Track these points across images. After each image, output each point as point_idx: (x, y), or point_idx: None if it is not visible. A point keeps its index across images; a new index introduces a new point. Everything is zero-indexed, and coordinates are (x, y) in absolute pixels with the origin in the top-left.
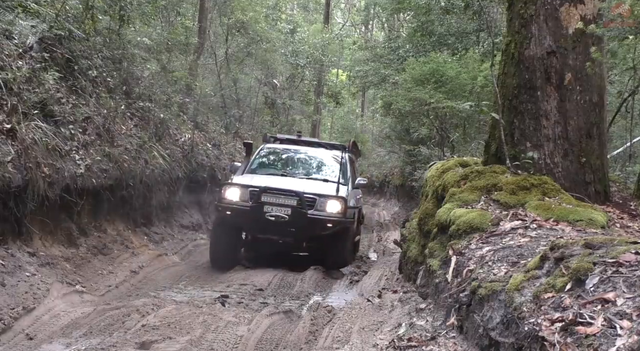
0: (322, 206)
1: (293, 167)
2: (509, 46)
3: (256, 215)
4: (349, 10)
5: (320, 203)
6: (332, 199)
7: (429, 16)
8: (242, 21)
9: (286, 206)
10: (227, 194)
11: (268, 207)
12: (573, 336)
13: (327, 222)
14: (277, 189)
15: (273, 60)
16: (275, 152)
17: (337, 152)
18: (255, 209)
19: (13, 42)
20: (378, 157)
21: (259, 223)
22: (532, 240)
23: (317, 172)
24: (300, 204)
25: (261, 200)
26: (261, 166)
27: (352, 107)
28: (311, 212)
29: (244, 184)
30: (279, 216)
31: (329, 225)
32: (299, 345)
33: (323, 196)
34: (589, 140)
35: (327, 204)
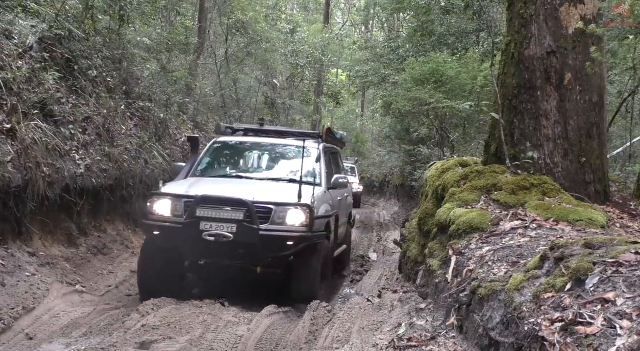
0: (280, 218)
1: (252, 166)
2: (509, 46)
3: (191, 235)
4: (348, 10)
5: (278, 214)
6: (293, 208)
7: (429, 16)
8: (242, 21)
9: (230, 221)
10: (155, 208)
11: (206, 224)
12: (573, 336)
13: (287, 239)
14: (218, 199)
15: (273, 60)
16: (231, 147)
17: (313, 143)
18: (189, 227)
19: (13, 42)
20: (378, 157)
21: (195, 246)
22: (532, 240)
23: (283, 170)
24: (248, 217)
25: (197, 214)
26: (211, 166)
27: (352, 107)
28: (265, 227)
29: (177, 194)
30: (221, 235)
31: (289, 243)
32: (299, 345)
33: (281, 205)
34: (589, 140)
35: (286, 215)
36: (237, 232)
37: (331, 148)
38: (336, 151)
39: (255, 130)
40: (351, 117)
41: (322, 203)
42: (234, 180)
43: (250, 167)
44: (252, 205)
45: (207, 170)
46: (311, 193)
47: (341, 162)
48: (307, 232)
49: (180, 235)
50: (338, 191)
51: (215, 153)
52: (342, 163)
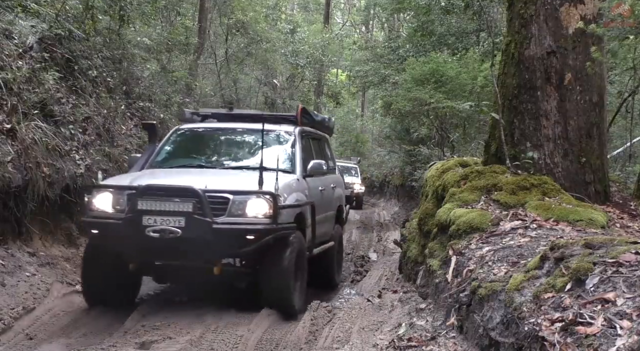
0: (239, 209)
1: (217, 155)
2: (509, 46)
3: (132, 232)
4: (348, 10)
5: (235, 204)
6: (254, 197)
7: (429, 16)
8: (242, 21)
9: (177, 214)
10: (94, 202)
11: (149, 218)
12: (573, 336)
13: (247, 232)
14: (163, 188)
15: (273, 60)
16: (194, 135)
17: (288, 127)
18: (130, 223)
19: (13, 42)
20: (378, 157)
21: (137, 244)
22: (532, 240)
23: (253, 158)
24: (199, 209)
25: (138, 207)
26: (170, 156)
27: (352, 107)
28: (221, 219)
29: (119, 185)
30: (166, 230)
31: (249, 237)
32: (299, 345)
33: (239, 193)
34: (589, 140)
35: (246, 205)
36: (186, 226)
37: (311, 133)
38: (320, 137)
39: (224, 115)
40: (351, 117)
41: (291, 192)
42: (195, 170)
43: (216, 156)
44: (203, 195)
45: (165, 161)
46: (276, 180)
47: (329, 151)
48: (271, 224)
49: (120, 233)
50: (319, 180)
51: (176, 141)
52: (329, 152)
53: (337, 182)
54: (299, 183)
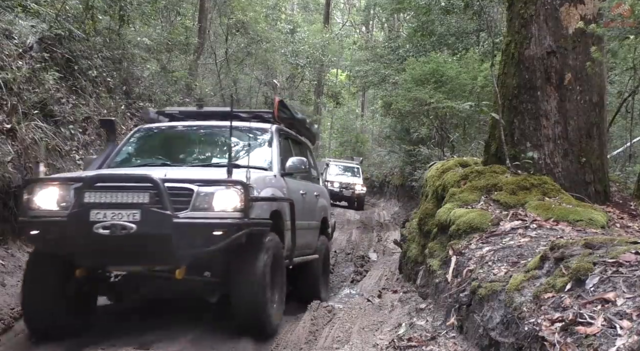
0: (205, 201)
1: (185, 154)
2: (509, 46)
3: (78, 230)
4: (348, 10)
5: (201, 196)
6: (223, 187)
7: (429, 16)
8: (242, 21)
9: (131, 206)
10: (36, 200)
11: (98, 212)
12: (573, 336)
13: (214, 227)
14: (114, 177)
15: (273, 60)
16: (159, 134)
17: (264, 125)
18: (75, 219)
19: (13, 42)
20: (378, 157)
21: (85, 245)
22: (532, 240)
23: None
24: (158, 200)
25: (85, 200)
26: (132, 156)
27: (352, 107)
28: (184, 214)
29: (64, 177)
30: (118, 226)
31: (216, 233)
32: (299, 345)
33: (204, 183)
34: (589, 140)
35: (212, 197)
36: (142, 221)
37: (291, 135)
38: (301, 142)
39: (194, 113)
40: (351, 117)
41: (266, 186)
42: (158, 168)
43: (183, 155)
44: (161, 184)
45: (125, 161)
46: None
47: (312, 159)
48: (242, 219)
49: (64, 232)
50: (300, 184)
51: (138, 141)
52: (312, 161)
53: (321, 192)
54: (276, 180)
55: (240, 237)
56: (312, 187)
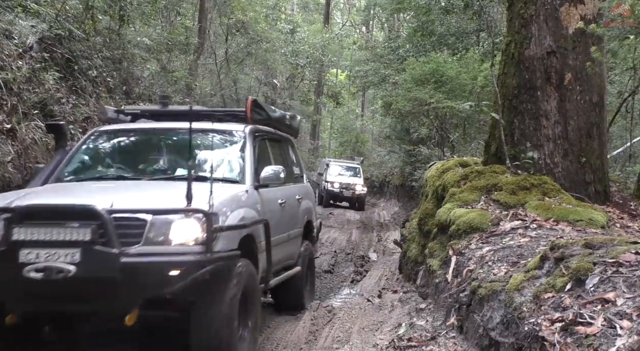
0: (160, 234)
1: (146, 163)
2: (509, 46)
3: (5, 273)
4: (348, 10)
5: (155, 228)
6: (180, 217)
7: (429, 16)
8: (242, 21)
9: (70, 244)
10: None
11: (29, 252)
12: (573, 336)
13: (170, 267)
14: (49, 209)
15: (273, 60)
16: (117, 139)
17: (236, 126)
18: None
19: (13, 42)
20: (378, 157)
21: (13, 289)
22: (532, 240)
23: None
24: (102, 236)
25: (14, 238)
26: (85, 166)
27: (352, 107)
28: (135, 249)
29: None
30: (53, 268)
31: (173, 273)
32: (299, 345)
33: (160, 213)
34: (589, 140)
35: (169, 229)
36: (83, 262)
37: (268, 134)
38: (280, 138)
39: (159, 112)
40: (351, 117)
41: (236, 207)
42: (113, 183)
43: (143, 164)
44: (106, 217)
45: (77, 172)
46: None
47: (294, 155)
48: (205, 253)
49: None
50: (279, 192)
51: (93, 147)
52: (295, 157)
53: (305, 192)
54: (249, 197)
55: (202, 275)
56: (293, 190)
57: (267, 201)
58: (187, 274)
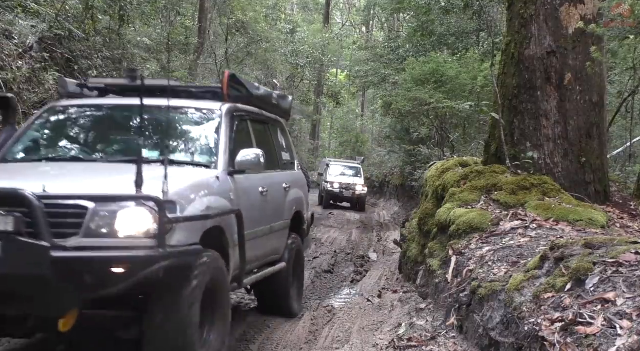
0: (103, 224)
1: (105, 145)
2: (509, 46)
3: None
4: (348, 11)
5: (98, 217)
6: (128, 206)
7: (429, 16)
8: (242, 21)
9: None
10: None
11: None
12: (573, 336)
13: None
14: None
15: (273, 60)
16: (76, 116)
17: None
18: None
19: (13, 42)
20: (378, 157)
21: None
22: (532, 240)
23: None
24: (29, 226)
25: None
26: (36, 145)
27: (352, 107)
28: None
29: None
30: None
31: (117, 271)
32: (299, 345)
33: (102, 200)
34: (589, 140)
35: (114, 219)
36: (5, 257)
37: (251, 114)
38: (267, 120)
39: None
40: (351, 117)
41: (201, 195)
42: (64, 165)
43: (101, 146)
44: (36, 203)
45: (26, 152)
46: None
47: (284, 140)
48: (156, 248)
49: None
50: (260, 179)
51: (47, 124)
52: (285, 142)
53: (295, 180)
54: (220, 183)
55: (153, 274)
56: (279, 178)
57: (243, 189)
58: (134, 272)
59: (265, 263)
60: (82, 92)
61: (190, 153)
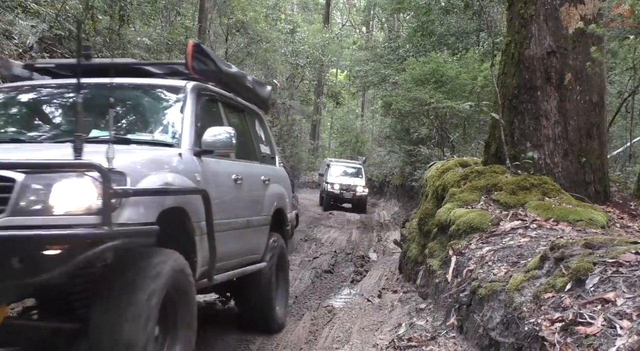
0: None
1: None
2: (509, 46)
3: None
4: (348, 11)
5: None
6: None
7: (429, 16)
8: (242, 21)
9: None
10: None
11: None
12: (573, 336)
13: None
14: None
15: (273, 60)
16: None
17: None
18: None
19: (13, 42)
20: (378, 157)
21: None
22: (532, 240)
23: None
24: None
25: None
26: None
27: (352, 107)
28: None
29: None
30: None
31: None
32: (299, 345)
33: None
34: (589, 140)
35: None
36: None
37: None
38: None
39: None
40: (351, 117)
41: (158, 170)
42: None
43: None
44: None
45: None
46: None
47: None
48: (100, 226)
49: None
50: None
51: None
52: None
53: (276, 176)
54: (184, 162)
55: (97, 257)
56: (256, 169)
57: (213, 172)
58: (73, 254)
59: (243, 263)
60: (31, 76)
61: (150, 132)
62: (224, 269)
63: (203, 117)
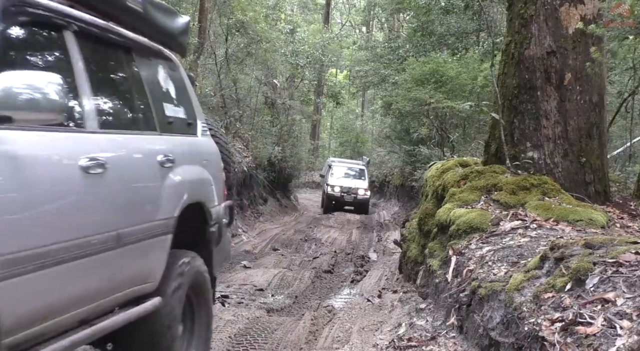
0: None
1: None
2: (509, 46)
3: None
4: (348, 11)
5: None
6: None
7: (429, 16)
8: (242, 21)
9: None
10: None
11: None
12: (573, 336)
13: None
14: None
15: (273, 60)
16: None
17: None
18: None
19: None
20: (378, 157)
21: None
22: (532, 240)
23: None
24: None
25: None
26: None
27: (352, 107)
28: None
29: None
30: None
31: None
32: (299, 345)
33: None
34: (589, 140)
35: None
36: None
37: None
38: (125, 43)
39: None
40: (351, 117)
41: None
42: None
43: None
44: None
45: None
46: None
47: (174, 86)
48: None
49: None
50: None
51: None
52: (178, 89)
53: (190, 152)
54: None
55: None
56: (146, 145)
57: (9, 156)
58: None
59: (107, 306)
60: None
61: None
62: (52, 332)
63: (5, 52)
